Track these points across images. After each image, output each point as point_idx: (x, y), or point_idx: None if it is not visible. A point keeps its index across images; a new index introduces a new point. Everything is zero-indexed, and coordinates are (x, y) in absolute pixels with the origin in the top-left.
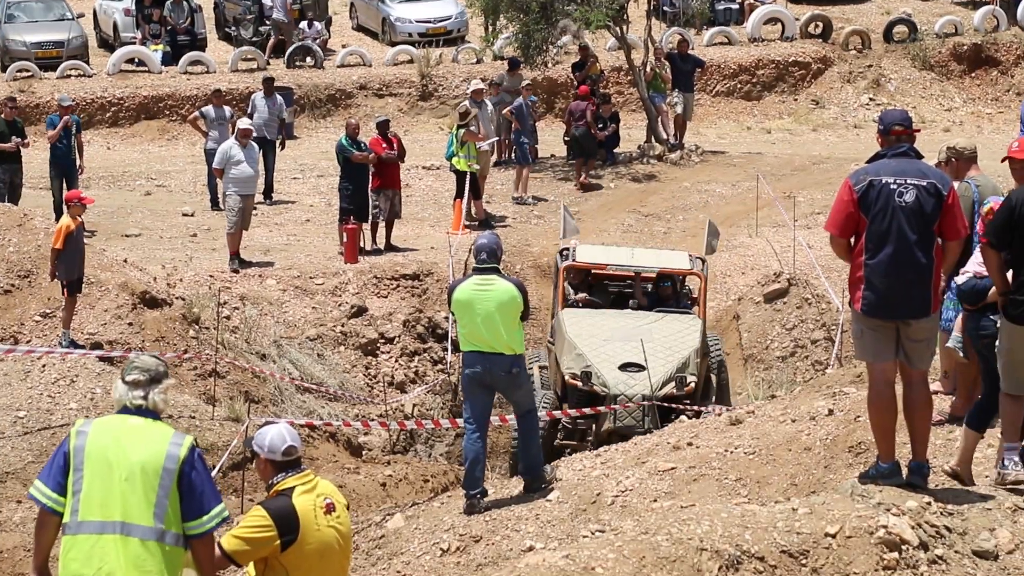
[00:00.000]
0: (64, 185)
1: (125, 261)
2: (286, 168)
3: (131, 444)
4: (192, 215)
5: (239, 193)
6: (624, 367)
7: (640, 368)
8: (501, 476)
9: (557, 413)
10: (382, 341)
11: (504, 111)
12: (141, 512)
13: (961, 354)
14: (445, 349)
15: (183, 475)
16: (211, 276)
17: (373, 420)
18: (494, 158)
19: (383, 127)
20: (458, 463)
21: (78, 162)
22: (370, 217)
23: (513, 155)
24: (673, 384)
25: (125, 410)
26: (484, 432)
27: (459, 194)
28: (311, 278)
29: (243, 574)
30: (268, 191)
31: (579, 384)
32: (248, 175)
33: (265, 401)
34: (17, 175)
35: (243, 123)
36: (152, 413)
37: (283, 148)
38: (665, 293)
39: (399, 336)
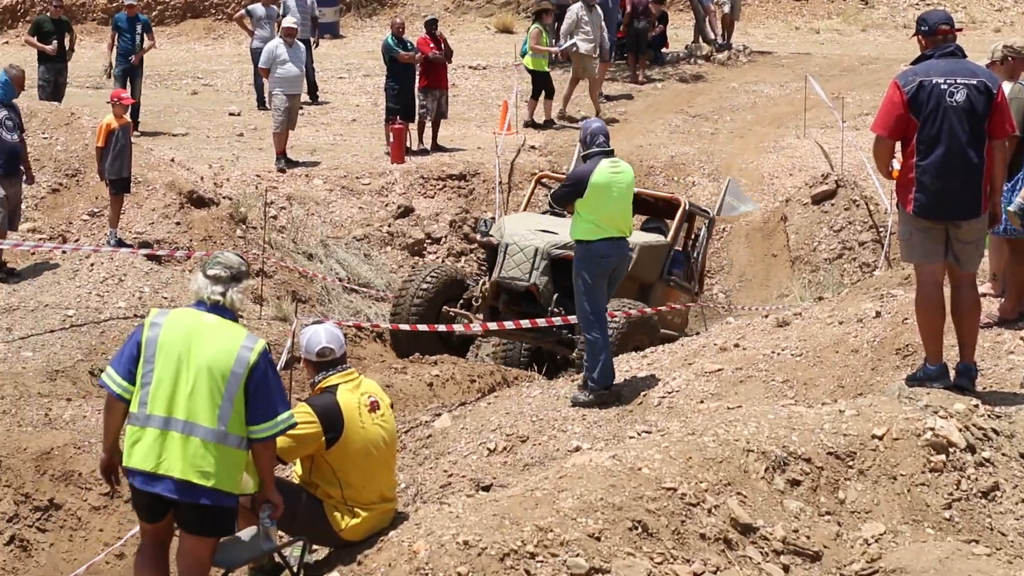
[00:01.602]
0: (128, 84)
1: (172, 160)
2: (332, 68)
3: (202, 343)
4: (238, 114)
5: (285, 92)
6: (534, 230)
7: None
8: (547, 378)
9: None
10: (428, 241)
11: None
12: (205, 413)
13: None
14: None
15: (251, 380)
16: (258, 176)
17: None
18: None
19: (430, 26)
20: (505, 364)
21: (135, 58)
22: (416, 117)
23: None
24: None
25: (201, 304)
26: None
27: (534, 93)
28: (357, 178)
29: (290, 472)
30: (312, 90)
31: (478, 236)
32: (294, 74)
33: (312, 301)
34: (61, 74)
35: (288, 22)
36: (228, 312)
37: (317, 46)
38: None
39: (445, 236)
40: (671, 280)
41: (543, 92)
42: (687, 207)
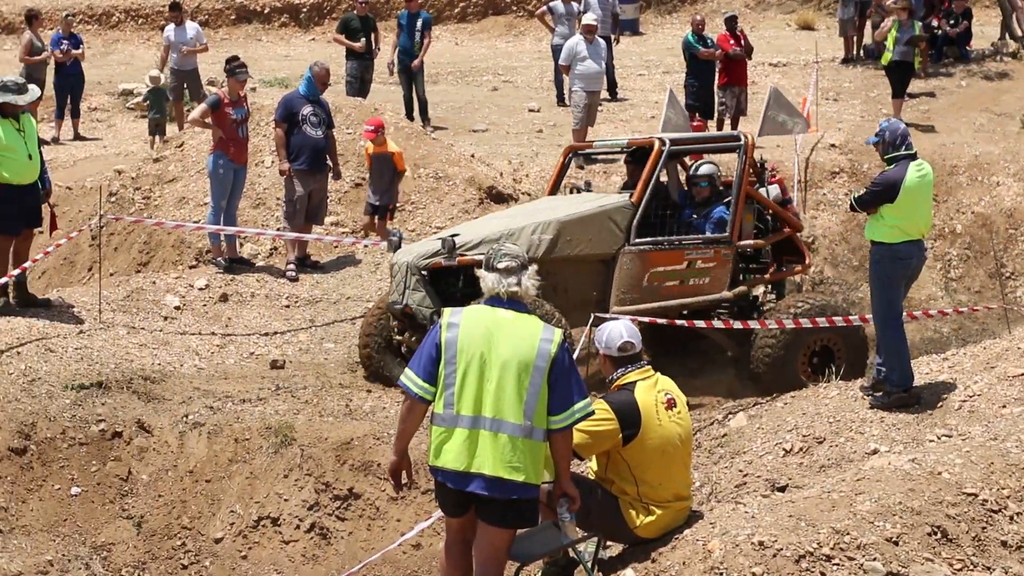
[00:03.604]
0: (411, 81)
1: (472, 156)
2: (631, 64)
3: (502, 340)
4: (538, 111)
5: (585, 89)
6: (438, 238)
7: (454, 236)
8: (845, 380)
9: None
10: None
11: None
12: (512, 409)
13: None
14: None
15: (552, 372)
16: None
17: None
18: None
19: (731, 23)
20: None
21: (417, 59)
22: (715, 114)
23: None
24: (443, 252)
25: (494, 300)
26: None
27: (895, 92)
28: None
29: (586, 468)
30: (611, 87)
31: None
32: (594, 71)
33: None
34: (367, 71)
35: (588, 18)
36: (521, 304)
37: (617, 43)
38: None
39: None
40: (646, 245)
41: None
42: (667, 146)
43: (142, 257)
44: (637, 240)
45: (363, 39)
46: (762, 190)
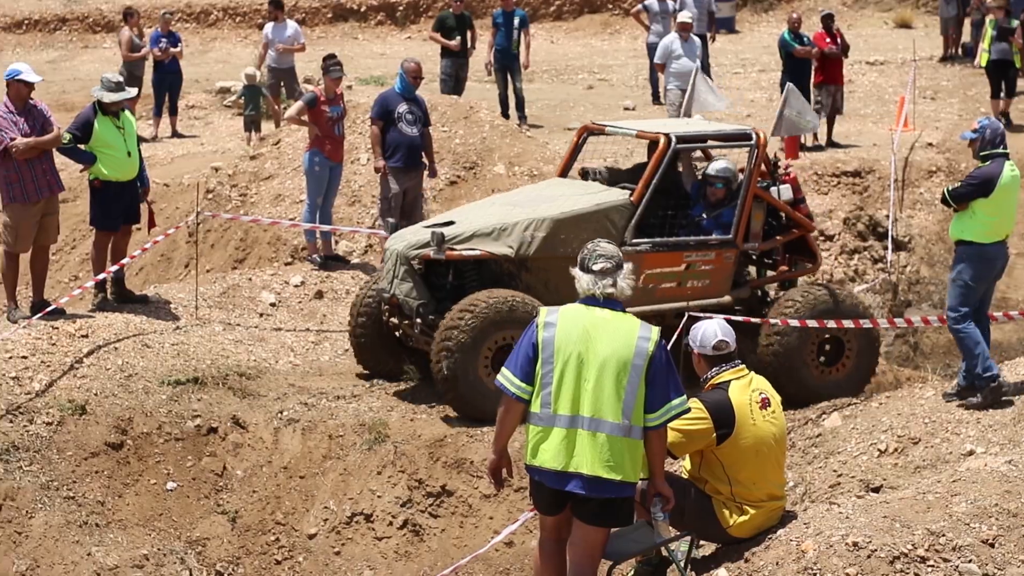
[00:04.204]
0: (509, 78)
1: None
2: (727, 63)
3: (600, 339)
4: (633, 109)
5: (680, 87)
6: (433, 224)
7: (448, 224)
8: (942, 378)
9: None
10: (822, 239)
11: None
12: (610, 408)
13: None
14: (885, 248)
15: (650, 369)
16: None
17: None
18: None
19: (827, 21)
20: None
21: (522, 57)
22: None
23: None
24: (432, 245)
25: (590, 300)
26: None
27: (993, 92)
28: None
29: (679, 468)
30: None
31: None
32: (689, 69)
33: None
34: (463, 69)
35: (684, 16)
36: (616, 303)
37: (713, 41)
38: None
39: (839, 234)
40: (642, 244)
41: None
42: (673, 142)
43: (238, 254)
44: (634, 241)
45: (458, 37)
46: (773, 189)
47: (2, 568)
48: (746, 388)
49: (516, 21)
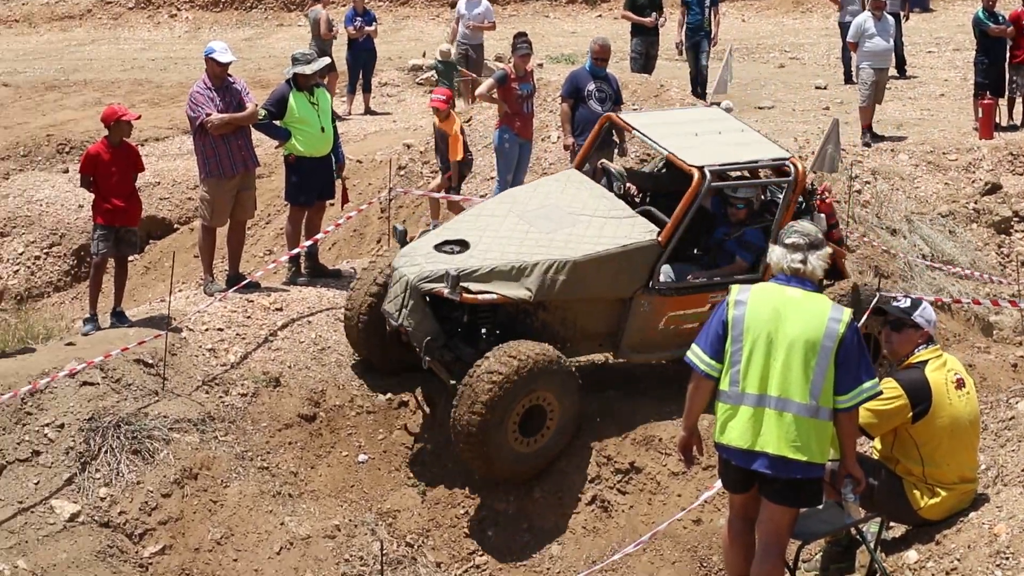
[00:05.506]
0: (698, 57)
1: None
2: (921, 42)
3: (790, 318)
4: (825, 88)
5: (873, 67)
6: (445, 244)
7: (462, 248)
8: None
9: None
10: (1016, 220)
11: None
12: (798, 388)
13: None
14: None
15: (840, 351)
16: (843, 149)
17: (1004, 299)
18: None
19: None
20: None
21: (713, 33)
22: (1007, 92)
23: None
24: (446, 284)
25: (781, 277)
26: None
27: None
28: (944, 153)
29: (869, 448)
30: (900, 64)
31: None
32: (882, 48)
33: (895, 276)
34: (653, 47)
35: None
36: (808, 282)
37: (907, 20)
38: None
39: None
40: (663, 288)
41: None
42: (708, 180)
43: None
44: (659, 286)
45: (651, 14)
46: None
47: (198, 535)
48: (942, 368)
49: (708, 0)
